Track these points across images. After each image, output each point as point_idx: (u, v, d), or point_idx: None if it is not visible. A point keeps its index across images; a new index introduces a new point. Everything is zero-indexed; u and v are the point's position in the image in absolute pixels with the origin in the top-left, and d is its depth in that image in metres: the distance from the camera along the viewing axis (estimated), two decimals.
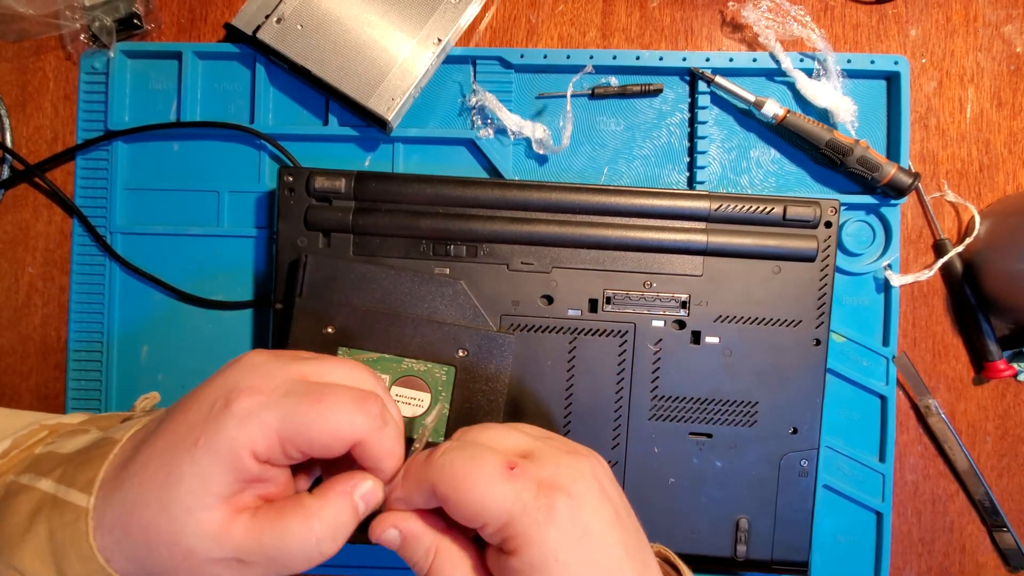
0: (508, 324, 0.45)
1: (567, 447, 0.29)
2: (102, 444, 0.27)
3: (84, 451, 0.27)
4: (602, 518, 0.26)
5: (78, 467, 0.26)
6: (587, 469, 0.27)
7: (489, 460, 0.26)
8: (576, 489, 0.26)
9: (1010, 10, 0.51)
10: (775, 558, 0.44)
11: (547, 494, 0.25)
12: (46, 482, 0.26)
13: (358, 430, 0.26)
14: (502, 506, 0.25)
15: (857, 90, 0.50)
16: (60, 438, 0.29)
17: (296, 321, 0.42)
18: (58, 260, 0.51)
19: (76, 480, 0.26)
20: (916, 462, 0.50)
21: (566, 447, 0.28)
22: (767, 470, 0.44)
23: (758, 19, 0.49)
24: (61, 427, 0.32)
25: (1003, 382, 0.50)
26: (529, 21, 0.51)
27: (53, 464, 0.27)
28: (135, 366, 0.50)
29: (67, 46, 0.51)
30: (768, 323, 0.45)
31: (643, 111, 0.50)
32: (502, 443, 0.28)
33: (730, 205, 0.45)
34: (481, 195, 0.45)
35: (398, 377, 0.42)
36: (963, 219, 0.50)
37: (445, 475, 0.26)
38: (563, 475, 0.26)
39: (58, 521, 0.25)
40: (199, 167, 0.50)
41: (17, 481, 0.27)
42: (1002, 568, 0.50)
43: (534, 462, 0.27)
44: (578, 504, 0.26)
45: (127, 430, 0.27)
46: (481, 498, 0.25)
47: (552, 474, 0.26)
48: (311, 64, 0.47)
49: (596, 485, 0.27)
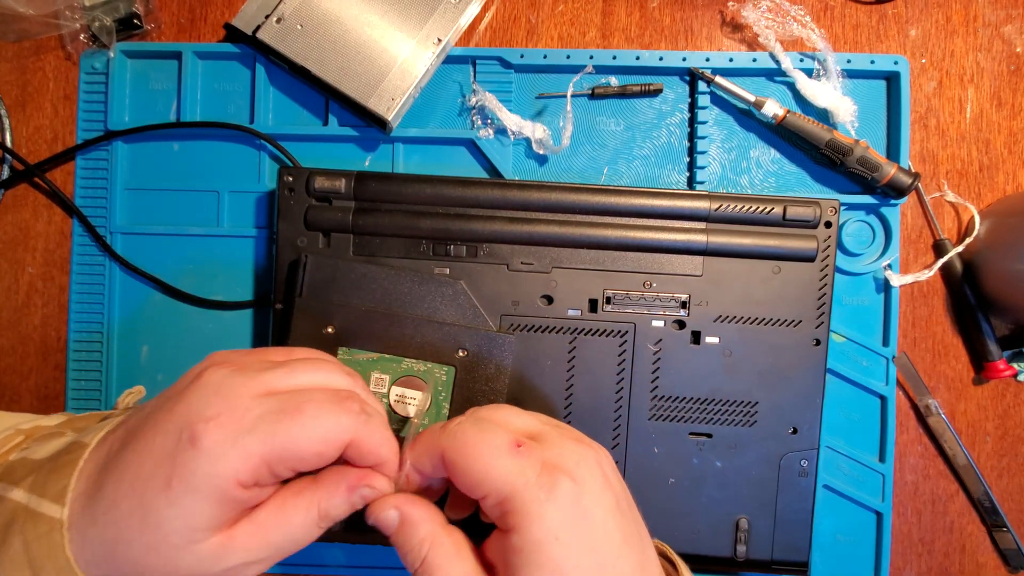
0: (508, 324, 0.45)
1: (575, 435, 0.29)
2: (72, 449, 0.26)
3: (54, 457, 0.26)
4: (603, 504, 0.26)
5: (48, 475, 0.25)
6: (592, 457, 0.27)
7: (499, 433, 0.26)
8: (580, 473, 0.26)
9: (1010, 10, 0.51)
10: (775, 558, 0.44)
11: (550, 473, 0.25)
12: (18, 492, 0.25)
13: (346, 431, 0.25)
14: (506, 478, 0.25)
15: (857, 90, 0.50)
16: (35, 443, 0.29)
17: (296, 321, 0.42)
18: (58, 260, 0.51)
19: (47, 490, 0.25)
20: (916, 462, 0.50)
21: (574, 435, 0.29)
22: (767, 470, 0.44)
23: (758, 19, 0.49)
24: (38, 430, 0.31)
25: (1003, 382, 0.50)
26: (529, 21, 0.51)
27: (25, 471, 0.26)
28: (135, 366, 0.50)
29: (67, 46, 0.51)
30: (768, 323, 0.45)
31: (643, 111, 0.50)
32: (512, 423, 0.28)
33: (730, 205, 0.45)
34: (481, 195, 0.45)
35: (398, 377, 0.42)
36: (963, 219, 0.50)
37: (456, 441, 0.26)
38: (568, 458, 0.26)
39: (32, 533, 0.24)
40: (199, 167, 0.50)
41: None
42: (1002, 568, 0.50)
43: (541, 443, 0.27)
44: (580, 488, 0.26)
45: (98, 432, 0.27)
46: (486, 467, 0.25)
47: (557, 456, 0.26)
48: (311, 64, 0.47)
49: (599, 473, 0.27)
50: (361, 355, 0.42)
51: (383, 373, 0.42)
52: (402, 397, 0.42)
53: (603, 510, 0.26)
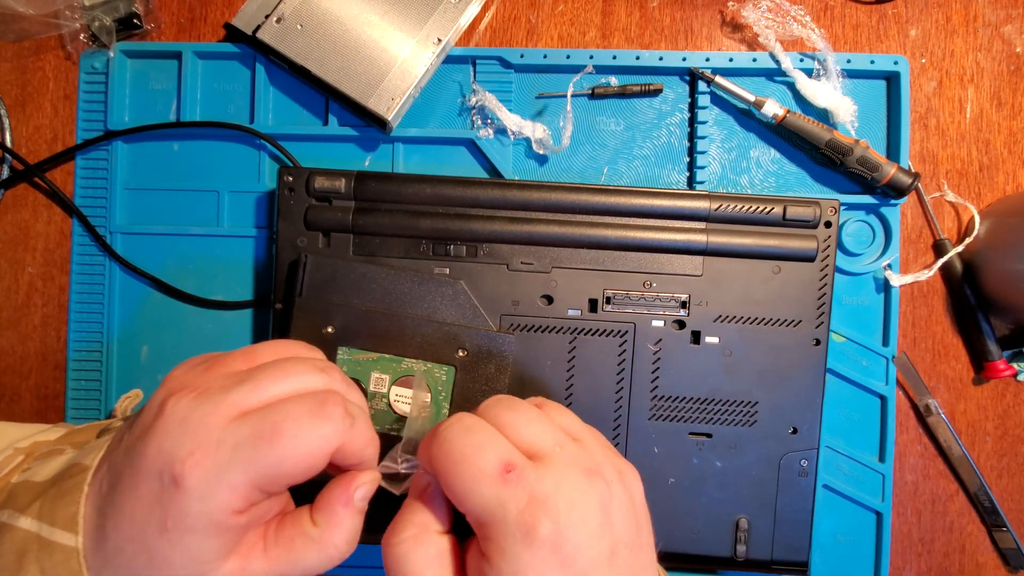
0: (508, 324, 0.45)
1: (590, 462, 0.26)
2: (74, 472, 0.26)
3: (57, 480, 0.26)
4: (589, 555, 0.24)
5: (55, 501, 0.25)
6: (595, 498, 0.25)
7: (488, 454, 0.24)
8: (568, 519, 0.24)
9: (1010, 10, 0.51)
10: (775, 558, 0.45)
11: (532, 513, 0.23)
12: (26, 520, 0.25)
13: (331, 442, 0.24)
14: (484, 507, 0.24)
15: (857, 90, 0.50)
16: (35, 462, 0.29)
17: (296, 321, 0.42)
18: (58, 260, 0.51)
19: (56, 518, 0.25)
20: (916, 462, 0.50)
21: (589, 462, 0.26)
22: (767, 470, 0.44)
23: (758, 19, 0.49)
24: (37, 447, 0.31)
25: (1003, 382, 0.50)
26: (529, 21, 0.51)
27: (30, 496, 0.26)
28: (135, 366, 0.50)
29: (67, 46, 0.51)
30: (768, 323, 0.45)
31: (643, 111, 0.50)
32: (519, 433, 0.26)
33: (730, 205, 0.45)
34: (481, 195, 0.45)
35: (398, 377, 0.42)
36: (963, 219, 0.50)
37: (442, 451, 0.25)
38: (561, 498, 0.24)
39: (48, 562, 0.24)
40: (199, 167, 0.50)
41: None
42: (1002, 568, 0.50)
43: (537, 470, 0.25)
44: (563, 536, 0.23)
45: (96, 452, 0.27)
46: (466, 490, 0.24)
47: (549, 492, 0.24)
48: (311, 64, 0.47)
49: (598, 518, 0.24)
50: (361, 355, 0.42)
51: (383, 373, 0.42)
52: (402, 397, 0.42)
53: (588, 560, 0.24)
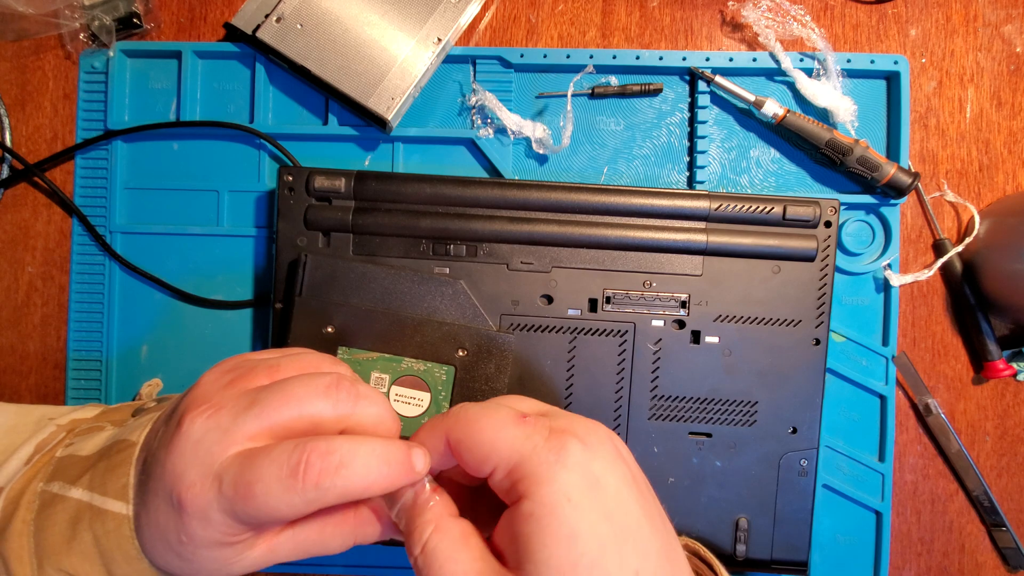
0: (508, 324, 0.45)
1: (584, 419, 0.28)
2: (122, 447, 0.28)
3: (104, 455, 0.28)
4: (616, 473, 0.25)
5: (105, 474, 0.27)
6: (603, 431, 0.26)
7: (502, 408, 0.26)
8: (590, 440, 0.25)
9: (1010, 10, 0.51)
10: (775, 558, 0.45)
11: (559, 437, 0.25)
12: (77, 491, 0.28)
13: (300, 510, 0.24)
14: (512, 445, 0.24)
15: (857, 90, 0.50)
16: (77, 438, 0.30)
17: (296, 321, 0.42)
18: (58, 260, 0.51)
19: (108, 488, 0.27)
20: (915, 462, 0.50)
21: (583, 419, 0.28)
22: (767, 470, 0.44)
23: (758, 19, 0.49)
24: (76, 424, 0.32)
25: (1003, 382, 0.50)
26: (529, 21, 0.51)
27: (77, 469, 0.28)
28: (135, 366, 0.50)
29: (67, 45, 0.51)
30: (768, 323, 0.45)
31: (643, 111, 0.50)
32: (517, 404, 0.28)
33: (730, 205, 0.45)
34: (481, 195, 0.45)
35: (398, 377, 0.42)
36: (963, 219, 0.50)
37: (459, 420, 0.26)
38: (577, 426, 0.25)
39: (101, 529, 0.27)
40: (199, 167, 0.50)
41: (48, 491, 0.28)
42: (1001, 568, 0.50)
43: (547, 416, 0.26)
44: (591, 452, 0.24)
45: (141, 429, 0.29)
46: (492, 439, 0.25)
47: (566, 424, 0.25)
48: (311, 64, 0.47)
49: (611, 446, 0.26)
50: (361, 355, 0.42)
51: (383, 373, 0.42)
52: (402, 397, 0.42)
53: (616, 479, 0.24)
